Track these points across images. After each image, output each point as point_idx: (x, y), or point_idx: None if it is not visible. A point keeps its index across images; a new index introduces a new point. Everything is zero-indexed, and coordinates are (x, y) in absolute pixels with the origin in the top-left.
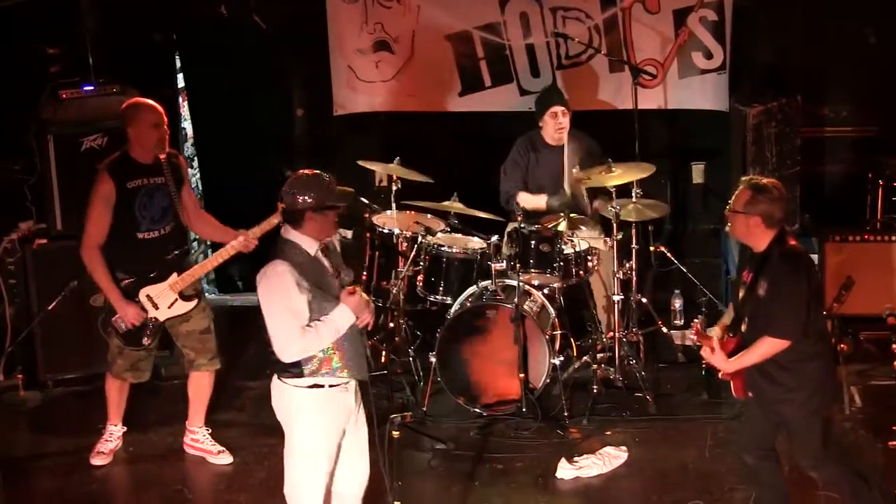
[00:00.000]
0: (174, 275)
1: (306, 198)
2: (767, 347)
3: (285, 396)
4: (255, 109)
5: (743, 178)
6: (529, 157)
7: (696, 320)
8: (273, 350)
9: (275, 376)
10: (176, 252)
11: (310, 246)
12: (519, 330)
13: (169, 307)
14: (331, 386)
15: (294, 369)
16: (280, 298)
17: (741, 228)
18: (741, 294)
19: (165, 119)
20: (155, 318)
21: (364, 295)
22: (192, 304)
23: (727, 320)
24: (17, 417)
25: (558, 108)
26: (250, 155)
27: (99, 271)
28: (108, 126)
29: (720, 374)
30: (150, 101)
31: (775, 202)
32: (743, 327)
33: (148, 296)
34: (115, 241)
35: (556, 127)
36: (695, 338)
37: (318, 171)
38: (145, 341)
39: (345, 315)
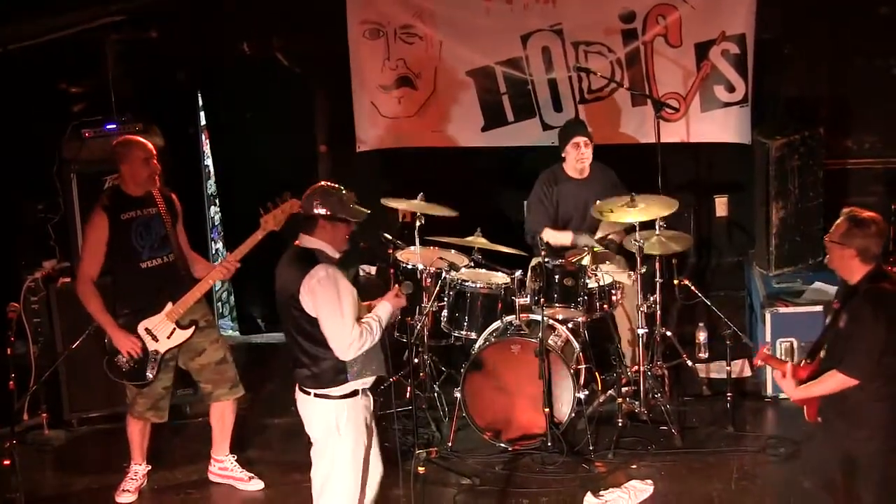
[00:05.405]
0: (169, 304)
1: (321, 206)
2: (835, 382)
3: (321, 412)
4: (277, 146)
5: (844, 210)
6: (553, 192)
7: (763, 344)
8: (303, 364)
9: (308, 395)
10: (182, 280)
11: (333, 252)
12: (543, 364)
13: (168, 337)
14: (363, 390)
15: (339, 376)
16: (340, 298)
17: (837, 259)
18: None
19: (155, 154)
20: (156, 350)
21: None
22: (190, 331)
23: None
24: (42, 457)
25: (581, 139)
26: (273, 192)
27: (93, 305)
28: None
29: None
30: (140, 139)
31: (871, 237)
32: (822, 354)
33: (147, 329)
34: (120, 273)
35: (577, 157)
36: (759, 361)
37: (338, 185)
38: (149, 375)
39: (388, 312)
